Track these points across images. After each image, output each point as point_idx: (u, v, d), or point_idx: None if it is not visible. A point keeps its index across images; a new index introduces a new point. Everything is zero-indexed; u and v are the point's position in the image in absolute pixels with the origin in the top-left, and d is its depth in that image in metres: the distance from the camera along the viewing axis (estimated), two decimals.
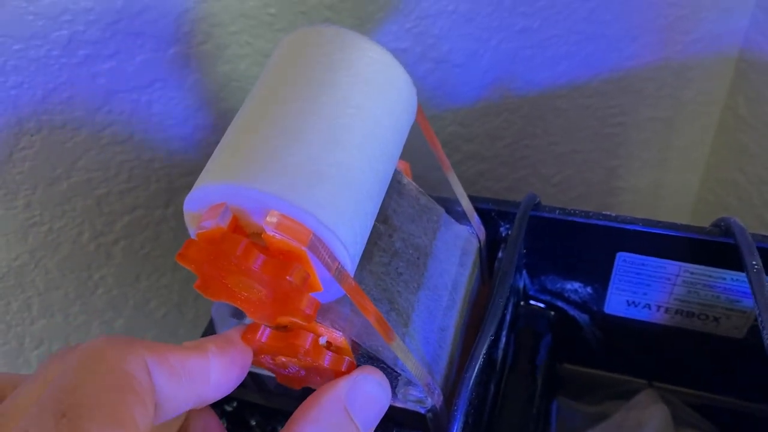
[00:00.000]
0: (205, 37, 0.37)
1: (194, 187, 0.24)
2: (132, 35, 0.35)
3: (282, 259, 0.23)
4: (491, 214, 0.37)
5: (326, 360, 0.27)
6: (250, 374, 0.31)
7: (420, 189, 0.34)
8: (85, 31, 0.34)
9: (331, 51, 0.27)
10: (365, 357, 0.30)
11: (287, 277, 0.22)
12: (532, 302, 0.42)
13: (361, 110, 0.26)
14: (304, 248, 0.23)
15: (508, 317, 0.40)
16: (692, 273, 0.36)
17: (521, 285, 0.41)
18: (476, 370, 0.30)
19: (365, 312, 0.26)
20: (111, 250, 0.44)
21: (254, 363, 0.30)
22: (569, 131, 0.57)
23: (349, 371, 0.28)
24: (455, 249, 0.35)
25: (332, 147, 0.24)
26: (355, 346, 0.29)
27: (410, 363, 0.29)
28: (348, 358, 0.28)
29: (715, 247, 0.34)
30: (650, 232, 0.35)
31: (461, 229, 0.35)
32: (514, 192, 0.60)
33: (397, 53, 0.44)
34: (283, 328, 0.28)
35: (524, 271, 0.41)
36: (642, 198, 0.65)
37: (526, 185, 0.61)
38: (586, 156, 0.60)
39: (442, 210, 0.34)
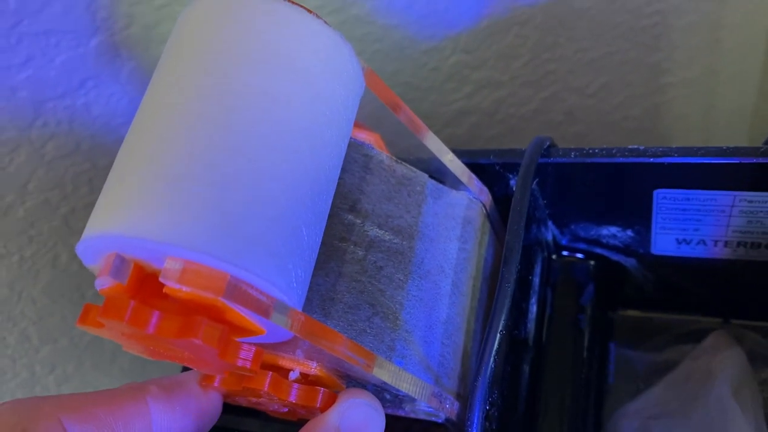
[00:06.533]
0: (128, 20, 0.32)
1: (82, 237, 0.20)
2: (41, 35, 0.30)
3: (193, 312, 0.19)
4: (495, 168, 0.31)
5: (292, 396, 0.23)
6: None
7: (395, 158, 0.28)
8: None
9: (223, 24, 0.21)
10: (355, 382, 0.25)
11: (193, 340, 0.18)
12: (565, 253, 0.36)
13: (266, 95, 0.20)
14: (220, 298, 0.18)
15: (536, 280, 0.34)
16: (750, 201, 0.29)
17: (549, 237, 0.35)
18: (488, 378, 0.25)
19: (330, 351, 0.21)
20: None
21: (232, 402, 0.26)
22: (597, 32, 0.49)
23: (327, 405, 0.23)
24: (451, 221, 0.29)
25: (229, 154, 0.19)
26: (339, 371, 0.24)
27: (405, 383, 0.24)
28: (323, 390, 0.23)
29: None
30: (689, 164, 0.28)
31: (456, 196, 0.29)
32: (544, 113, 0.53)
33: None
34: None
35: (550, 222, 0.34)
36: (696, 91, 0.56)
37: (558, 102, 0.53)
38: (623, 56, 0.52)
39: (425, 177, 0.28)
